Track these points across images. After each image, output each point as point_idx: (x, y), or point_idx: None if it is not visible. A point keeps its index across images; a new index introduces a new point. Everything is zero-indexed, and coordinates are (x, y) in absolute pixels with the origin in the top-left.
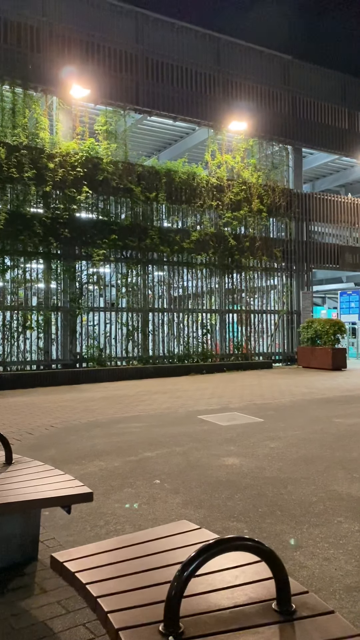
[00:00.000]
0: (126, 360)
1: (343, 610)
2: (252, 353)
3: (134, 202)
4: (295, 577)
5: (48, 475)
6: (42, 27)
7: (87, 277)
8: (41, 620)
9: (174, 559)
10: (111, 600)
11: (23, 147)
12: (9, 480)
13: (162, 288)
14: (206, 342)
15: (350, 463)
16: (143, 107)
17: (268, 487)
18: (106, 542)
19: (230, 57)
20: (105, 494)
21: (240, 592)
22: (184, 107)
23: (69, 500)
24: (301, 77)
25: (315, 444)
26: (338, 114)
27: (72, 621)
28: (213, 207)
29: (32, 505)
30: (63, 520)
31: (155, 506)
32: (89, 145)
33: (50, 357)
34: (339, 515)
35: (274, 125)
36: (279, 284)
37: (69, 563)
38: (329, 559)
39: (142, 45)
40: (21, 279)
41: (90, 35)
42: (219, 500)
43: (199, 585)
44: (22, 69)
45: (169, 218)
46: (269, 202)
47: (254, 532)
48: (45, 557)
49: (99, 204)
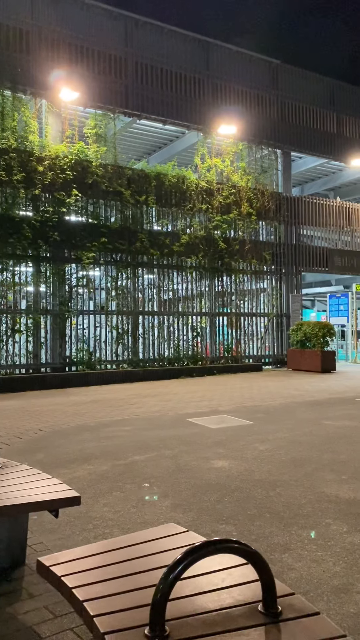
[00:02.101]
0: (116, 363)
1: (331, 612)
2: (242, 356)
3: (124, 205)
4: (283, 579)
5: (36, 479)
6: (31, 30)
7: (76, 280)
8: (28, 625)
9: (161, 562)
10: (97, 604)
11: (12, 150)
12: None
13: (152, 291)
14: (196, 345)
15: (338, 465)
16: (132, 110)
17: (257, 489)
18: (93, 546)
19: (219, 61)
20: (94, 498)
21: (227, 595)
22: (173, 110)
23: (56, 504)
24: (290, 82)
25: (304, 446)
26: (326, 118)
27: (59, 626)
28: (203, 211)
29: (19, 510)
30: (51, 525)
31: (144, 509)
32: (79, 148)
33: (39, 360)
34: (328, 517)
35: (263, 129)
36: (268, 287)
37: (55, 567)
38: (317, 561)
39: (131, 48)
40: (10, 282)
41: (80, 39)
42: (207, 503)
43: (186, 588)
44: (11, 71)
45: (158, 221)
46: (258, 206)
47: (243, 535)
48: (33, 561)
49: (89, 207)
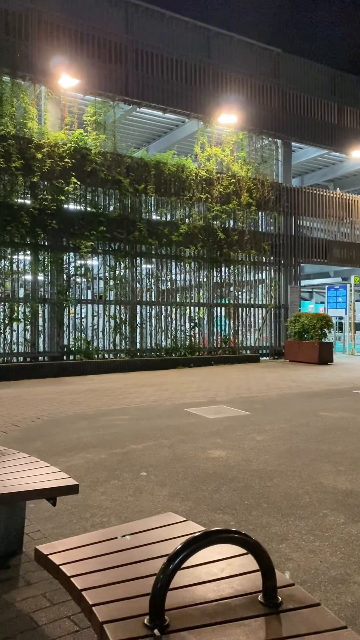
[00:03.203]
0: (113, 353)
1: (328, 602)
2: (240, 347)
3: (123, 194)
4: (281, 570)
5: (34, 467)
6: (30, 14)
7: (74, 269)
8: (25, 612)
9: (160, 552)
10: (96, 593)
11: (10, 137)
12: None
13: (150, 281)
14: (194, 336)
15: (335, 456)
16: (132, 98)
17: (254, 479)
18: (91, 535)
19: (221, 49)
20: (92, 486)
21: (226, 585)
22: (173, 98)
23: (54, 492)
24: (291, 71)
25: (301, 437)
26: (327, 108)
27: (56, 614)
28: (202, 200)
29: (18, 497)
30: (48, 513)
31: (142, 498)
32: (78, 136)
33: (37, 349)
34: (325, 508)
35: (263, 118)
36: (267, 278)
37: (53, 556)
38: (315, 551)
39: (131, 35)
40: (8, 270)
41: (80, 25)
42: (205, 492)
43: (185, 577)
44: (10, 57)
45: (157, 210)
46: (258, 196)
47: (240, 525)
48: (30, 549)
49: (87, 195)
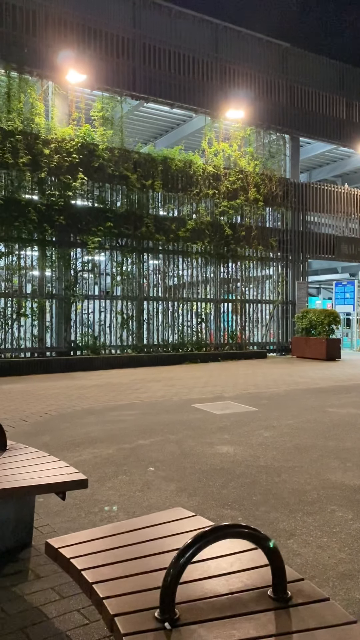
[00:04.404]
0: (120, 348)
1: (336, 597)
2: (247, 343)
3: (130, 190)
4: (289, 565)
5: (43, 462)
6: (38, 10)
7: (81, 264)
8: (35, 605)
9: (170, 546)
10: (106, 586)
11: (18, 133)
12: (3, 466)
13: (157, 277)
14: (201, 332)
15: (343, 452)
16: (140, 93)
17: (262, 475)
18: (101, 529)
19: (228, 43)
20: (100, 481)
21: (236, 579)
22: (181, 93)
23: (63, 486)
24: (299, 66)
25: (309, 433)
26: (336, 103)
27: (66, 607)
28: (209, 196)
29: (29, 491)
30: (57, 507)
31: (150, 493)
32: (85, 131)
33: (44, 344)
34: (333, 504)
35: (271, 113)
36: (274, 273)
37: (64, 549)
38: (323, 547)
39: (139, 30)
40: (15, 265)
41: (87, 20)
42: (213, 487)
43: (194, 572)
44: (18, 52)
45: (164, 206)
46: (265, 192)
47: (248, 520)
48: (40, 543)
49: (95, 191)
